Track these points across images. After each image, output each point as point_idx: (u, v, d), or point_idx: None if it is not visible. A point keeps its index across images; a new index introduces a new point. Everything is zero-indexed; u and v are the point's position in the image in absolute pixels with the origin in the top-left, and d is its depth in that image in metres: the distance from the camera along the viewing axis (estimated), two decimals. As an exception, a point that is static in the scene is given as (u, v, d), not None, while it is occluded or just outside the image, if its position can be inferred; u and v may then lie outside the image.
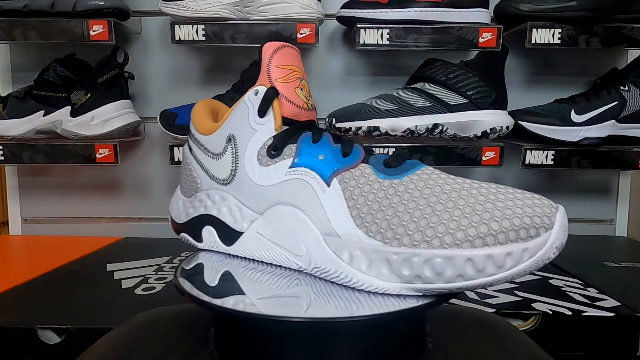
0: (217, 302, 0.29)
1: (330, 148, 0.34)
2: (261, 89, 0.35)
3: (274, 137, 0.35)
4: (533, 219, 0.28)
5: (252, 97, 0.36)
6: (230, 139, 0.37)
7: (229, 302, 0.29)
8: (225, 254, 0.39)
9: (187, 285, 0.32)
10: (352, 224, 0.31)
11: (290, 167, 0.34)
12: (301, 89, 0.37)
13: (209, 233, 0.39)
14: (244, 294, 0.31)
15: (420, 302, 0.29)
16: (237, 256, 0.38)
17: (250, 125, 0.36)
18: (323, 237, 0.32)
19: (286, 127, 0.35)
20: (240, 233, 0.37)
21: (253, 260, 0.37)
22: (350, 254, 0.31)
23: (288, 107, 0.36)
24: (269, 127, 0.35)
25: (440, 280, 0.28)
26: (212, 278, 0.34)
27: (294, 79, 0.37)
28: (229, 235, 0.38)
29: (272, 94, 0.35)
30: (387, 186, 0.31)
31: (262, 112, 0.35)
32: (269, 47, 0.36)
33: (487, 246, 0.27)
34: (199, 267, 0.37)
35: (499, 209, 0.28)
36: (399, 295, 0.30)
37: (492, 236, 0.27)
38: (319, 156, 0.34)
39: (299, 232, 0.33)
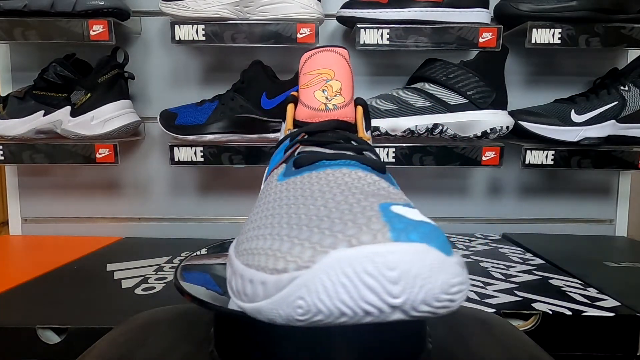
0: (217, 302, 0.29)
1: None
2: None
3: (280, 140, 0.38)
4: (293, 247, 0.21)
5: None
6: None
7: (229, 302, 0.29)
8: (223, 252, 0.41)
9: (187, 285, 0.32)
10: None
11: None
12: (323, 90, 0.37)
13: None
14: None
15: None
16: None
17: (282, 131, 0.40)
18: None
19: (293, 130, 0.37)
20: None
21: None
22: None
23: (304, 111, 0.37)
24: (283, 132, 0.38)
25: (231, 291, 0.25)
26: (212, 277, 0.34)
27: (317, 82, 0.37)
28: None
29: (287, 101, 0.38)
30: (273, 187, 0.30)
31: (284, 118, 0.39)
32: (303, 59, 0.38)
33: (247, 266, 0.23)
34: (200, 267, 0.37)
35: (302, 225, 0.22)
36: None
37: (252, 255, 0.22)
38: (278, 157, 0.35)
39: None
